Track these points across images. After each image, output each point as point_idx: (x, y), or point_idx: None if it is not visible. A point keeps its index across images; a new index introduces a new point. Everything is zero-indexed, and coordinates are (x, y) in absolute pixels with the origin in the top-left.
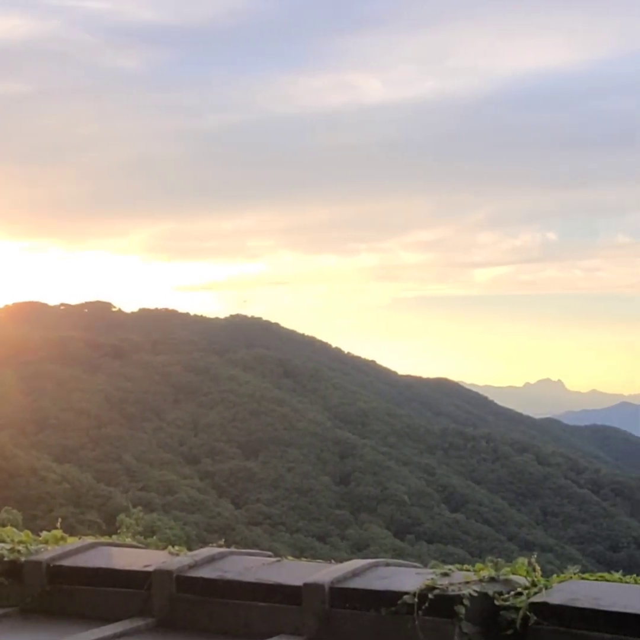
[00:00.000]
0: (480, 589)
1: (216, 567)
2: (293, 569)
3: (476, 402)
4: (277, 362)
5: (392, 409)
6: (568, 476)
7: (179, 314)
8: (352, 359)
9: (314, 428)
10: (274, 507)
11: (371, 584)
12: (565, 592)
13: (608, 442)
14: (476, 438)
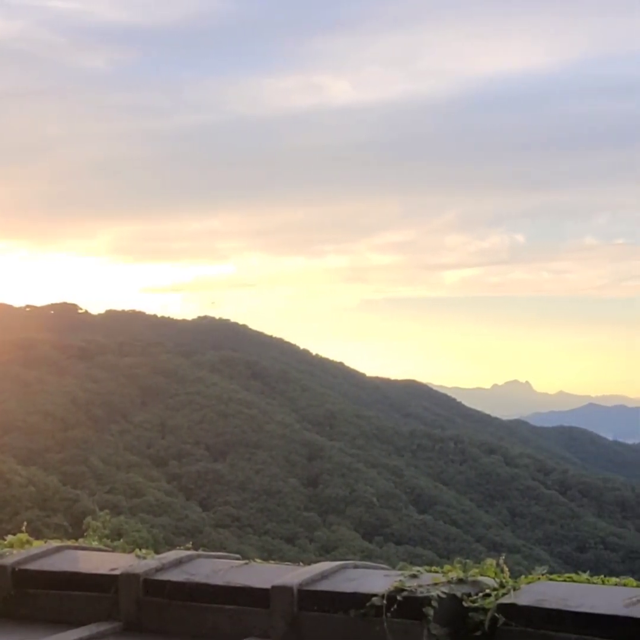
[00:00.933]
0: (449, 590)
1: (184, 570)
2: (261, 572)
3: (444, 403)
4: (245, 364)
5: (360, 411)
6: (535, 477)
7: (146, 315)
8: (320, 360)
9: (282, 430)
10: (242, 509)
11: (339, 586)
12: (533, 593)
13: (575, 443)
14: (444, 439)
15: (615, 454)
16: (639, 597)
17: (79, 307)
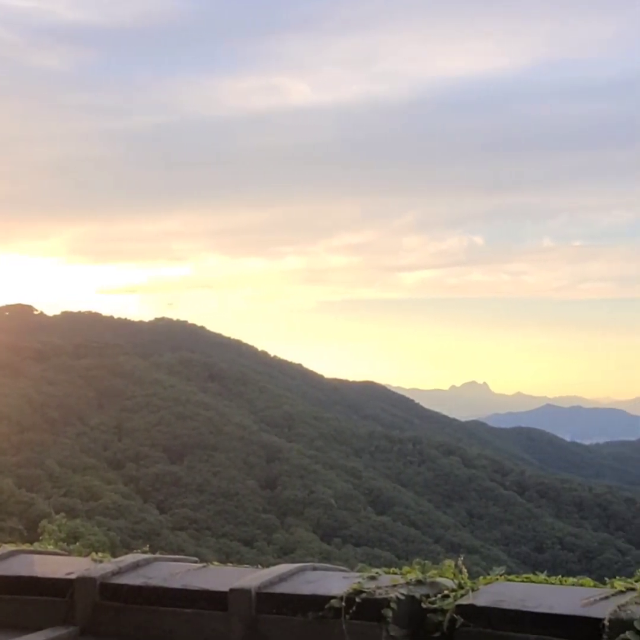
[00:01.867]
0: (408, 592)
1: (140, 573)
2: (219, 575)
3: (402, 405)
4: (202, 366)
5: (319, 412)
6: (493, 478)
7: (103, 317)
8: (278, 362)
9: (240, 432)
10: (200, 511)
11: (298, 589)
12: (491, 594)
13: (533, 444)
14: (402, 441)
15: (573, 455)
16: (596, 597)
17: (34, 308)
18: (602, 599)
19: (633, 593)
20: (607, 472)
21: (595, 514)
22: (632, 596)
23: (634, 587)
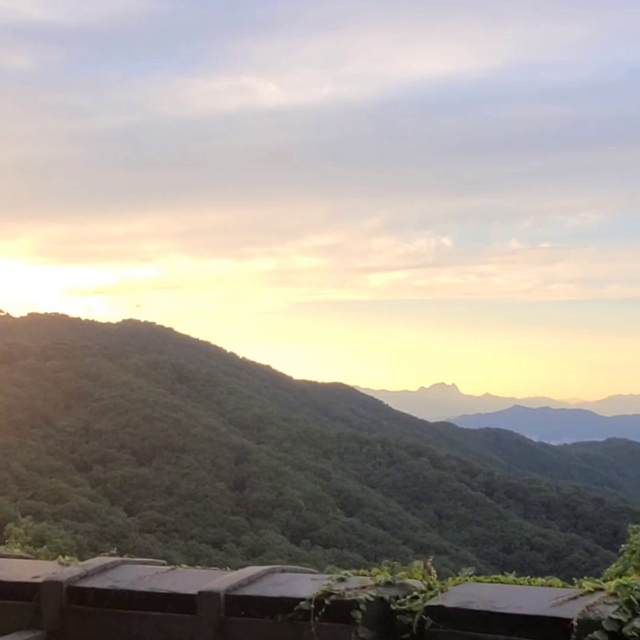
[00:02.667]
0: (377, 593)
1: (108, 577)
2: (187, 577)
3: (371, 406)
4: (171, 367)
5: (288, 414)
6: (462, 479)
7: (70, 318)
8: (247, 364)
9: (209, 434)
10: (168, 514)
11: (267, 591)
12: (460, 595)
13: (501, 444)
14: (371, 442)
15: (541, 456)
16: (564, 598)
17: (0, 309)
18: (570, 599)
19: (601, 593)
20: (575, 472)
21: (563, 514)
22: (600, 596)
23: (602, 587)
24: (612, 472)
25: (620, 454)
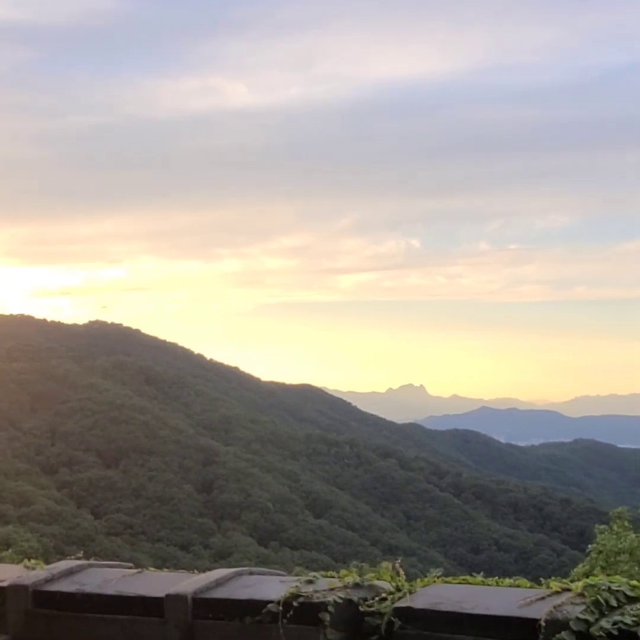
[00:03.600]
0: (345, 595)
1: (74, 580)
2: (154, 580)
3: (340, 408)
4: (138, 369)
5: (256, 416)
6: (430, 480)
7: (36, 320)
8: (215, 365)
9: (176, 436)
10: (135, 516)
11: (235, 594)
12: (429, 596)
13: (469, 445)
14: (340, 444)
15: (508, 456)
16: (532, 598)
17: None
18: (538, 600)
19: (569, 593)
20: (542, 473)
21: (531, 515)
22: (568, 597)
23: (569, 588)
24: (578, 473)
25: (587, 454)
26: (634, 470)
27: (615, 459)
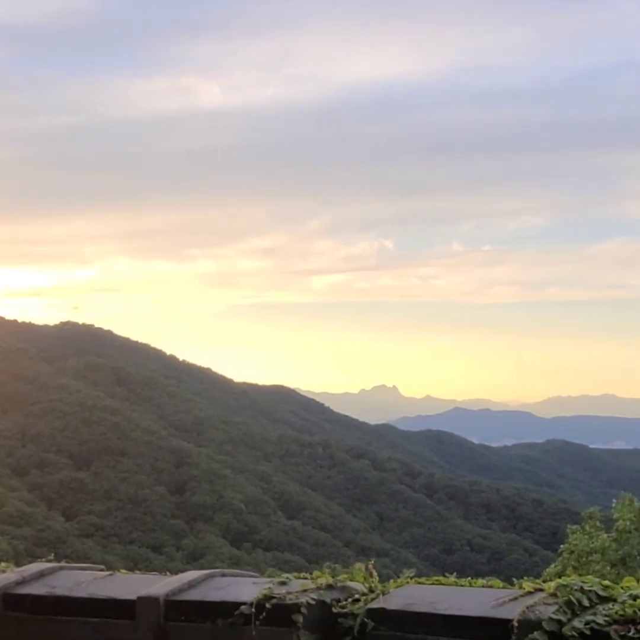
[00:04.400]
0: (318, 596)
1: (45, 583)
2: (126, 582)
3: (312, 409)
4: (110, 370)
5: (228, 417)
6: (403, 481)
7: (6, 321)
8: (187, 366)
9: (148, 437)
10: (107, 518)
11: (207, 596)
12: (402, 597)
13: (442, 446)
14: (312, 445)
15: (481, 457)
16: (505, 598)
17: None
18: (511, 600)
19: (541, 594)
20: (515, 474)
21: (503, 515)
22: (541, 597)
23: (542, 588)
24: (551, 473)
25: (559, 455)
26: (605, 470)
27: (587, 459)
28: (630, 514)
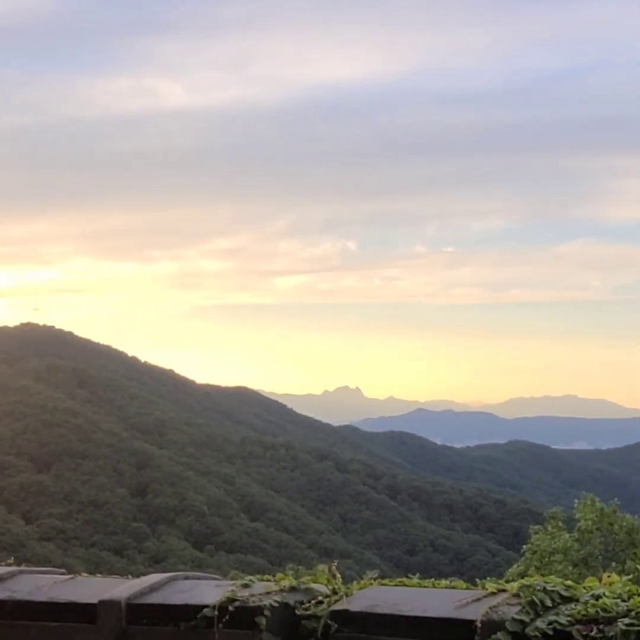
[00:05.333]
0: (281, 599)
1: (5, 587)
2: (88, 586)
3: (275, 410)
4: (71, 372)
5: (191, 419)
6: (366, 482)
7: None
8: (149, 368)
9: (110, 439)
10: (68, 521)
11: (169, 599)
12: (365, 599)
13: (405, 447)
14: (275, 446)
15: (444, 458)
16: (468, 599)
17: None
18: (474, 601)
19: (504, 594)
20: (478, 474)
21: (466, 516)
22: (504, 597)
23: (505, 589)
24: (513, 474)
25: (521, 455)
26: (567, 471)
27: (549, 459)
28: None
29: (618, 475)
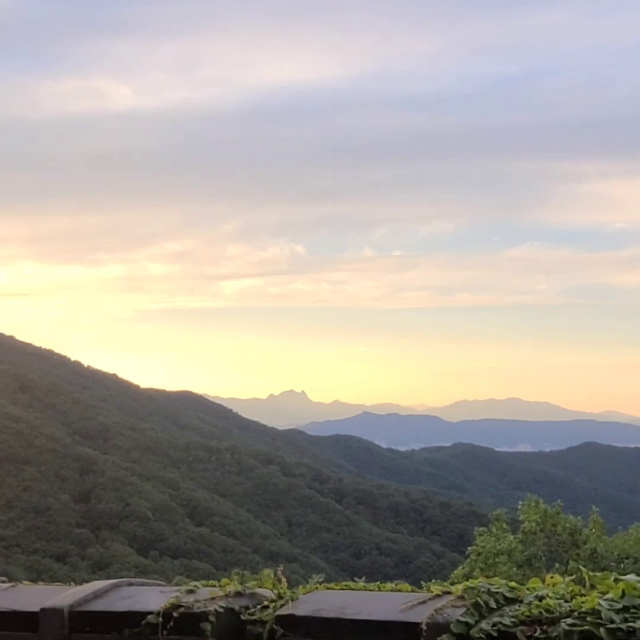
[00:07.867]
0: (226, 604)
1: None
2: (29, 594)
3: (220, 414)
4: (12, 377)
5: (135, 423)
6: (312, 486)
7: None
8: (92, 372)
9: (52, 444)
10: (9, 528)
11: (113, 606)
12: (311, 603)
13: (350, 451)
14: (221, 451)
15: (389, 461)
16: (414, 602)
17: None
18: (419, 604)
19: (449, 596)
20: (423, 477)
21: (412, 518)
22: (449, 599)
23: (450, 591)
24: (458, 476)
25: (466, 458)
26: (511, 473)
27: (494, 462)
28: (536, 515)
29: (561, 477)
